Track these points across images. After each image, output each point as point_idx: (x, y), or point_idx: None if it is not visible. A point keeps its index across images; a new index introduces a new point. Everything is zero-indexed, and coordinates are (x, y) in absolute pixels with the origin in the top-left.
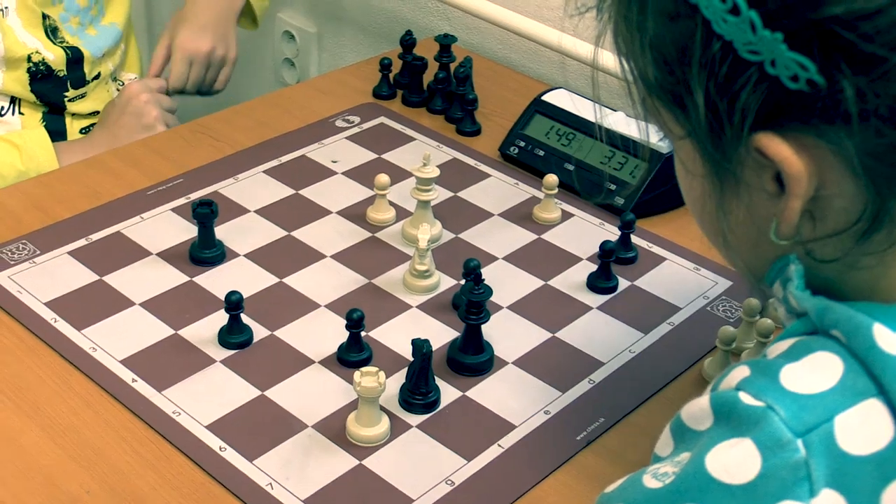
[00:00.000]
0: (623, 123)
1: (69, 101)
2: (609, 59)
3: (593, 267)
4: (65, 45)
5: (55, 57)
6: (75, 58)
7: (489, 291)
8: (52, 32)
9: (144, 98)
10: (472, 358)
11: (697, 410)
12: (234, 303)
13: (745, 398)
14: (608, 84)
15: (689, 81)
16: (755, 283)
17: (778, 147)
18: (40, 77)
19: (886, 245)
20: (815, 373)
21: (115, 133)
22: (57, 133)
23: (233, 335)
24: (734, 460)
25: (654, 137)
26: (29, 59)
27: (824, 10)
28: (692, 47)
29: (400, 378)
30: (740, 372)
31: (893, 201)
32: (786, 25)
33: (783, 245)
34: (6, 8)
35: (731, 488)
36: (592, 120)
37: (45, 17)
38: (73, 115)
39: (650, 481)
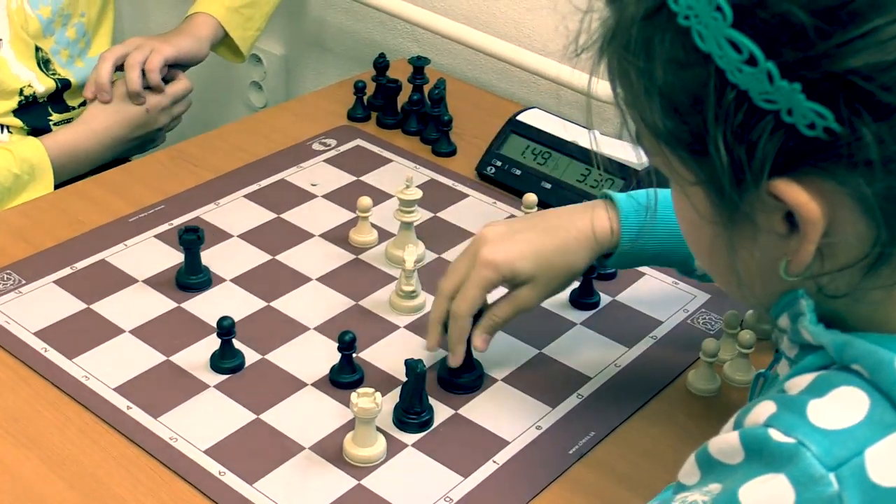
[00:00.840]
0: (601, 143)
1: (54, 124)
2: (582, 78)
3: (574, 284)
4: (56, 76)
5: (45, 89)
6: (63, 88)
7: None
8: (44, 65)
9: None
10: (464, 377)
11: (727, 446)
12: (226, 328)
13: (776, 435)
14: (578, 101)
15: (707, 129)
16: (764, 313)
17: (795, 193)
18: (25, 105)
19: (895, 279)
20: (843, 408)
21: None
22: None
23: (225, 360)
24: (768, 495)
25: (633, 156)
26: (21, 92)
27: (844, 63)
28: (705, 96)
29: (393, 398)
30: (766, 408)
31: None
32: (804, 76)
33: (793, 281)
34: (0, 40)
35: None
36: (568, 139)
37: (37, 49)
38: None
39: None
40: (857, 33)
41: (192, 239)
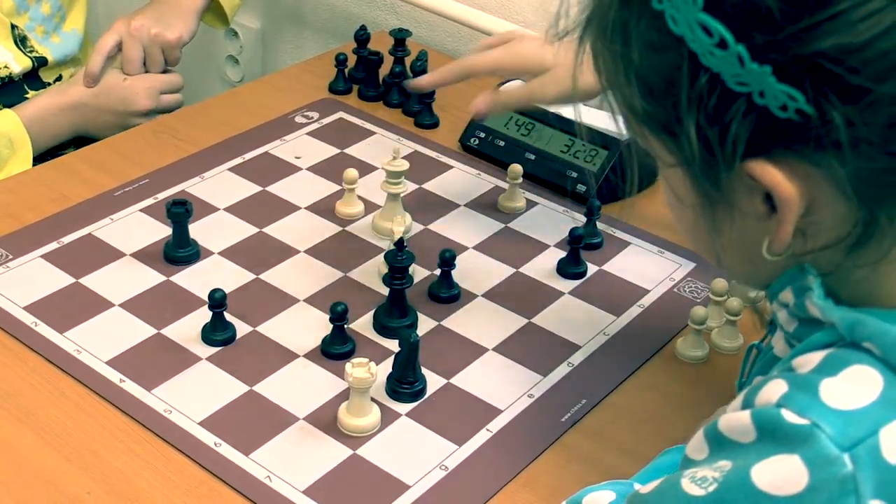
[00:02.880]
0: (584, 113)
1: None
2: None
3: (561, 253)
4: (34, 54)
5: (22, 68)
6: (40, 65)
7: (411, 257)
8: (21, 42)
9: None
10: (396, 321)
11: (738, 424)
12: (217, 300)
13: (789, 416)
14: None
15: (679, 113)
16: (757, 287)
17: (770, 173)
18: (1, 85)
19: (878, 257)
20: (856, 387)
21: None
22: None
23: (217, 332)
24: (782, 475)
25: (615, 126)
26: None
27: (812, 45)
28: (679, 79)
29: (385, 368)
30: (778, 387)
31: (882, 216)
32: (774, 59)
33: (776, 260)
34: None
35: (778, 499)
36: (551, 109)
37: (13, 27)
38: None
39: (690, 487)
40: (824, 16)
41: (180, 212)
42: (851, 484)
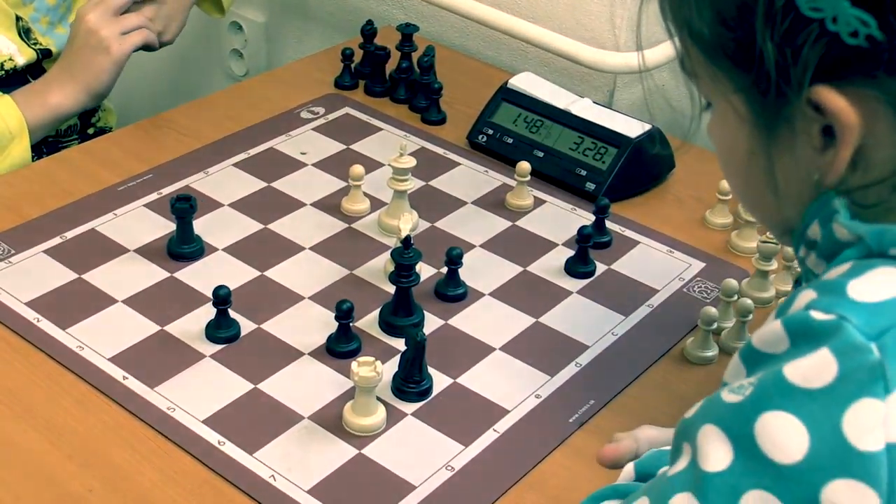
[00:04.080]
0: (594, 111)
1: None
2: (570, 46)
3: (569, 252)
4: (38, 46)
5: (26, 60)
6: (44, 58)
7: (418, 255)
8: (25, 34)
9: (104, 33)
10: (402, 320)
11: (771, 335)
12: (221, 297)
13: (817, 315)
14: (568, 69)
15: (755, 35)
16: (783, 234)
17: (834, 99)
18: (5, 77)
19: None
20: (881, 283)
21: (75, 74)
22: None
23: (221, 330)
24: (811, 367)
25: (622, 125)
26: (1, 66)
27: None
28: (754, 3)
29: (391, 367)
30: (807, 295)
31: None
32: None
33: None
34: None
35: (811, 392)
36: (560, 106)
37: (18, 18)
38: None
39: (729, 396)
40: None
41: (184, 208)
42: (880, 370)
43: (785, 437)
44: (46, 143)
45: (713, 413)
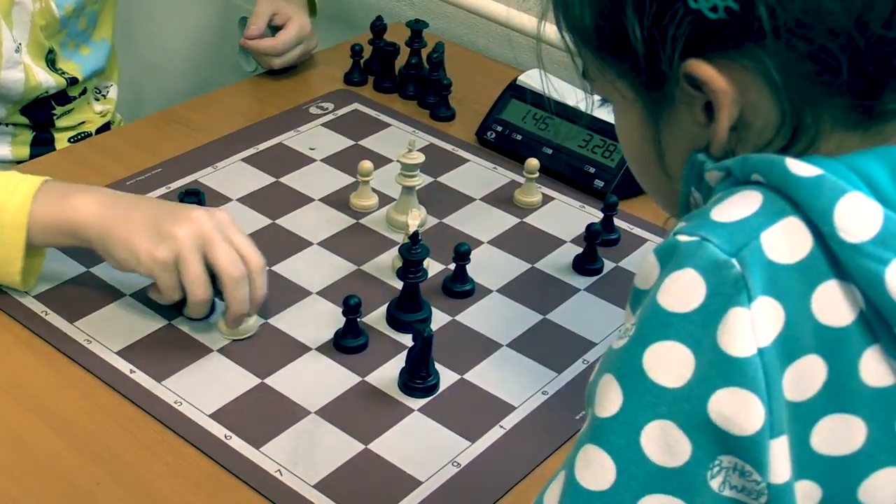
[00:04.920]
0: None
1: (56, 117)
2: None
3: (577, 249)
4: (65, 75)
5: (56, 84)
6: (70, 83)
7: (426, 251)
8: (51, 63)
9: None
10: (410, 315)
11: (646, 267)
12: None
13: (682, 237)
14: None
15: (625, 21)
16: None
17: (704, 69)
18: (32, 102)
19: (803, 150)
20: (739, 205)
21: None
22: (45, 142)
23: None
24: (682, 289)
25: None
26: (36, 98)
27: None
28: None
29: (398, 362)
30: (677, 226)
31: (808, 115)
32: None
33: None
34: (20, 45)
35: (688, 315)
36: (569, 103)
37: (49, 49)
38: (59, 128)
39: (617, 343)
40: None
41: (192, 202)
42: (742, 282)
43: (673, 363)
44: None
45: (606, 363)
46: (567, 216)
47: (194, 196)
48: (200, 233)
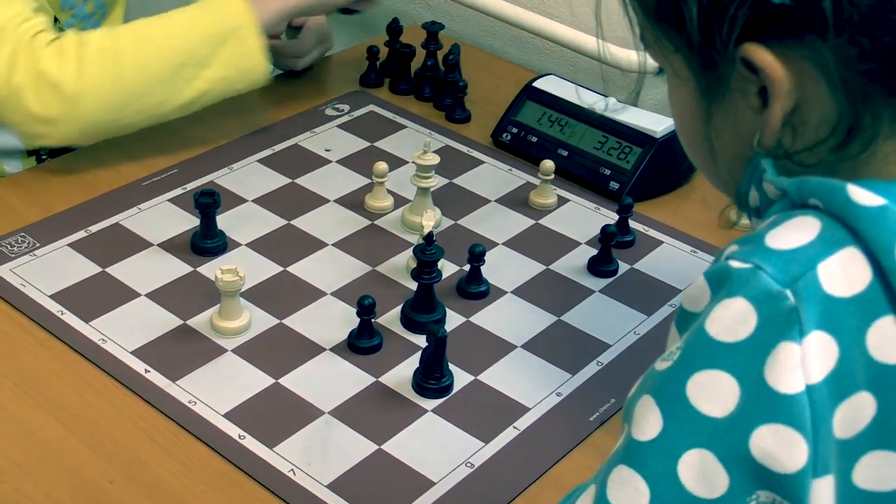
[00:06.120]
0: (619, 111)
1: None
2: (595, 45)
3: (592, 251)
4: None
5: None
6: None
7: (441, 252)
8: None
9: None
10: (424, 316)
11: (695, 290)
12: None
13: (735, 264)
14: (593, 69)
15: None
16: (740, 205)
17: (762, 55)
18: None
19: (860, 151)
20: (796, 232)
21: None
22: None
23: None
24: (731, 318)
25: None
26: None
27: None
28: None
29: (412, 363)
30: (729, 248)
31: (866, 114)
32: None
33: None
34: None
35: (735, 345)
36: (584, 105)
37: (55, 20)
38: None
39: (661, 364)
40: None
41: (208, 202)
42: (795, 315)
43: (717, 392)
44: None
45: (647, 384)
46: (582, 218)
47: (209, 196)
48: None
